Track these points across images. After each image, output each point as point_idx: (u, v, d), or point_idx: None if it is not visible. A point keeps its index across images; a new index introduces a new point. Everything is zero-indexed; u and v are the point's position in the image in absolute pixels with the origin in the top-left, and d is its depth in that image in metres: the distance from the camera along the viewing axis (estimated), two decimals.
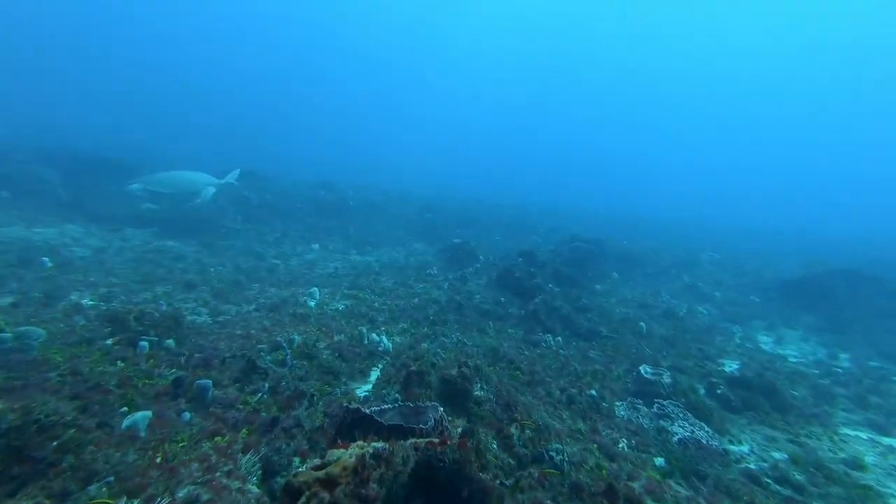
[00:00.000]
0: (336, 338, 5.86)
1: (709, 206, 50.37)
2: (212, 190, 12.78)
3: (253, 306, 7.24)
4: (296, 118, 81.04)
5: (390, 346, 5.67)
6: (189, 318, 6.20)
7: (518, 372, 5.39)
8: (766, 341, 8.52)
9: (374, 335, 5.71)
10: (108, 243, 9.48)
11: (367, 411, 2.85)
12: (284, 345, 4.91)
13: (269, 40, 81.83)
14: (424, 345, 6.32)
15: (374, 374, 5.02)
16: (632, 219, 30.98)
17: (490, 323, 7.46)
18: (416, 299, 8.49)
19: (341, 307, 7.83)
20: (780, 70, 76.50)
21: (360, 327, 5.88)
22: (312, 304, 7.74)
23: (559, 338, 7.03)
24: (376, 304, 8.02)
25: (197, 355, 4.63)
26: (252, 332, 5.65)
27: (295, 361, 4.74)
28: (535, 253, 9.97)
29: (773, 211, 48.66)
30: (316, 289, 8.23)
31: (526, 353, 6.26)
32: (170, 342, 4.65)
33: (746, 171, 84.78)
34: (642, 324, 7.69)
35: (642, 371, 5.26)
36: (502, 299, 8.66)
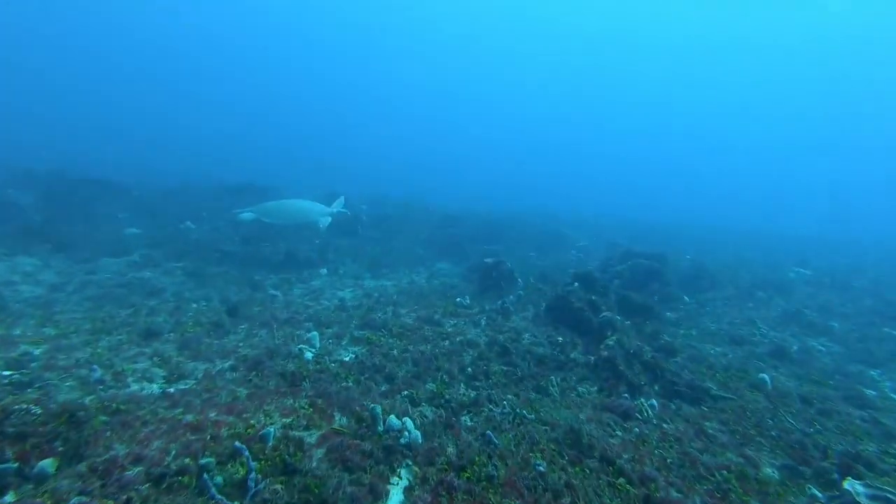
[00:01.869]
0: (337, 420, 4.03)
1: (752, 211, 47.35)
2: (328, 220, 12.33)
3: (230, 362, 5.50)
4: (295, 122, 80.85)
5: (419, 434, 3.78)
6: (131, 388, 4.49)
7: (624, 481, 3.43)
8: None
9: (393, 418, 3.85)
10: (67, 279, 7.99)
11: None
12: (246, 454, 3.07)
13: (259, 43, 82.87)
14: (466, 420, 4.44)
15: (396, 498, 3.15)
16: (672, 227, 28.62)
17: (552, 378, 5.50)
18: (447, 342, 6.63)
19: (349, 357, 6.03)
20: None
21: (371, 405, 4.02)
22: (310, 354, 5.96)
23: (653, 401, 5.02)
24: (395, 351, 6.19)
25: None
26: (211, 416, 3.87)
27: (263, 483, 2.92)
28: (594, 276, 8.00)
29: (827, 216, 45.22)
30: (316, 333, 6.45)
31: (619, 432, 4.28)
32: (46, 465, 2.86)
33: (785, 173, 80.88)
34: (764, 375, 5.60)
35: (851, 490, 3.21)
36: (559, 339, 6.70)
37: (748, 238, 23.27)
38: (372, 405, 4.01)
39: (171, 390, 4.50)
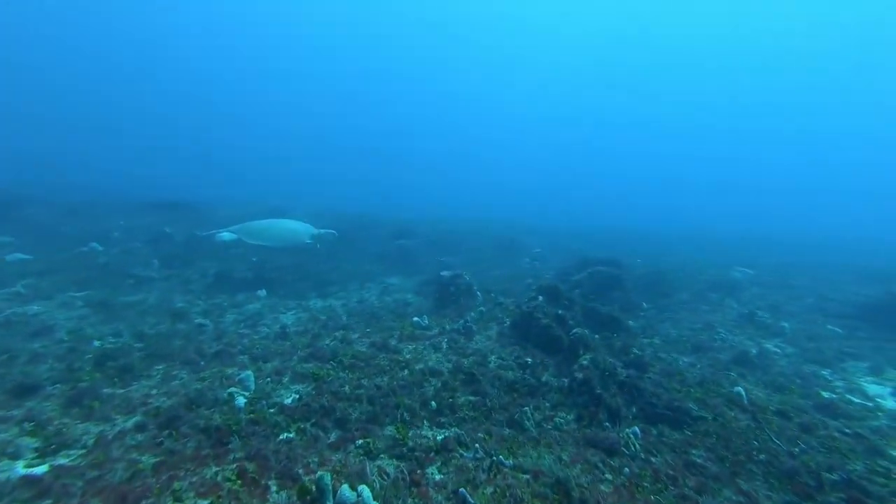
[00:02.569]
0: (273, 495, 3.20)
1: (682, 211, 50.66)
2: (315, 244, 11.56)
3: (136, 418, 4.44)
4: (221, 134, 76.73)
5: None
6: None
7: None
8: (881, 392, 6.47)
9: (345, 489, 3.09)
10: None
11: None
12: None
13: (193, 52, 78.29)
14: (434, 473, 3.77)
15: None
16: (622, 231, 29.77)
17: (526, 409, 4.97)
18: (406, 371, 5.93)
19: (291, 399, 5.16)
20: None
21: (319, 474, 3.24)
22: (242, 400, 5.02)
23: (635, 428, 4.63)
24: (346, 387, 5.38)
25: None
26: None
27: None
28: (559, 288, 7.66)
29: (763, 213, 49.06)
30: (250, 373, 5.49)
31: (608, 475, 3.80)
32: None
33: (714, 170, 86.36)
34: (739, 389, 5.44)
35: None
36: (528, 360, 6.22)
37: (698, 240, 24.56)
38: (319, 474, 3.22)
39: (41, 470, 3.43)
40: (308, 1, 77.83)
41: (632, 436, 4.42)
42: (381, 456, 4.03)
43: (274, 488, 3.32)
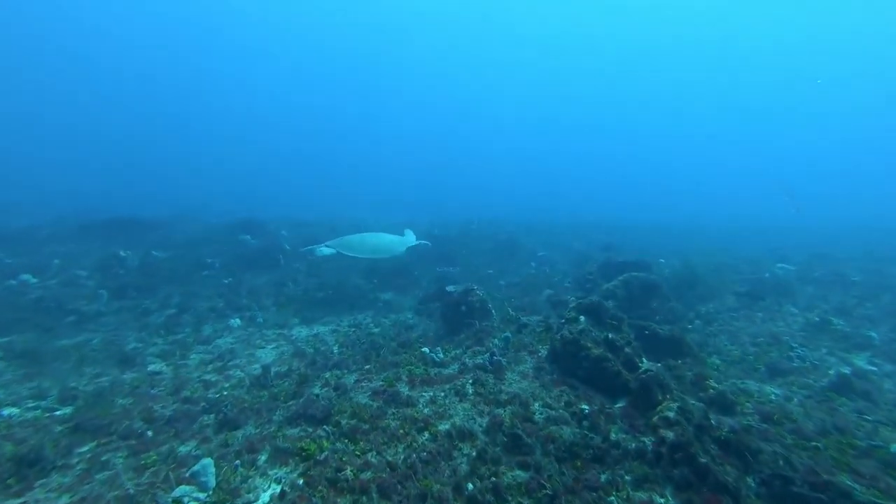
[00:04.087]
0: None
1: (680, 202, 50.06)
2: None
3: None
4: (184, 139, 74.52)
5: None
6: None
7: None
8: None
9: None
10: None
11: None
12: None
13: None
14: None
15: None
16: (623, 227, 28.67)
17: (611, 499, 3.56)
18: (427, 435, 4.47)
19: (269, 497, 3.66)
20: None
21: None
22: (202, 496, 3.52)
23: None
24: (348, 470, 3.91)
25: None
26: None
27: None
28: (603, 305, 6.28)
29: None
30: (209, 461, 3.97)
31: None
32: None
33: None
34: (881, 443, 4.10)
35: None
36: (584, 407, 4.82)
37: (707, 233, 23.45)
38: None
39: None
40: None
41: None
42: None
43: None
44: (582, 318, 6.29)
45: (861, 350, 6.93)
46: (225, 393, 6.05)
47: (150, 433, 4.81)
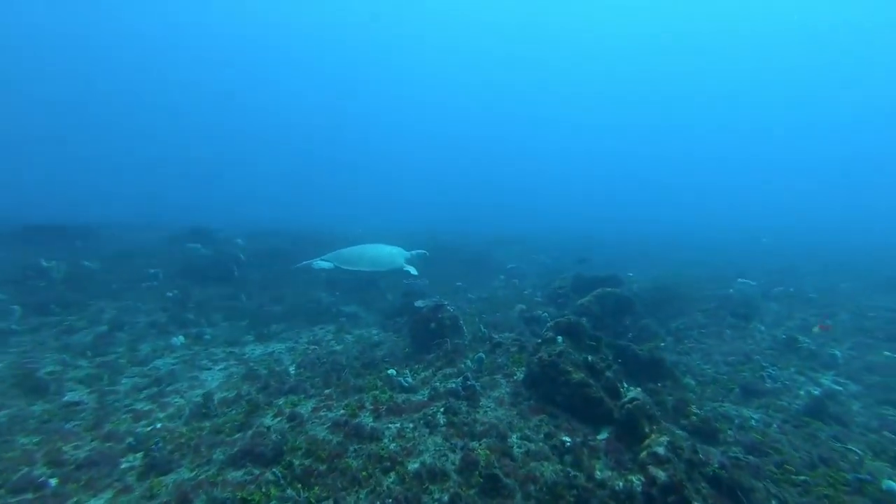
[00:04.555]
0: None
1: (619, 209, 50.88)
2: (413, 269, 11.59)
3: None
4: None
5: None
6: None
7: None
8: None
9: None
10: None
11: None
12: None
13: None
14: None
15: None
16: (586, 238, 29.13)
17: None
18: (394, 477, 3.96)
19: None
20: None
21: None
22: None
23: None
24: None
25: None
26: None
27: None
28: (582, 325, 6.00)
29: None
30: None
31: None
32: None
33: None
34: (891, 484, 3.95)
35: None
36: (566, 439, 4.45)
37: (662, 245, 24.02)
38: None
39: None
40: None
41: None
42: None
43: None
44: (560, 338, 5.97)
45: (826, 369, 7.00)
46: (158, 426, 5.27)
47: (52, 482, 4.01)
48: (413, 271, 11.85)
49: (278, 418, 5.25)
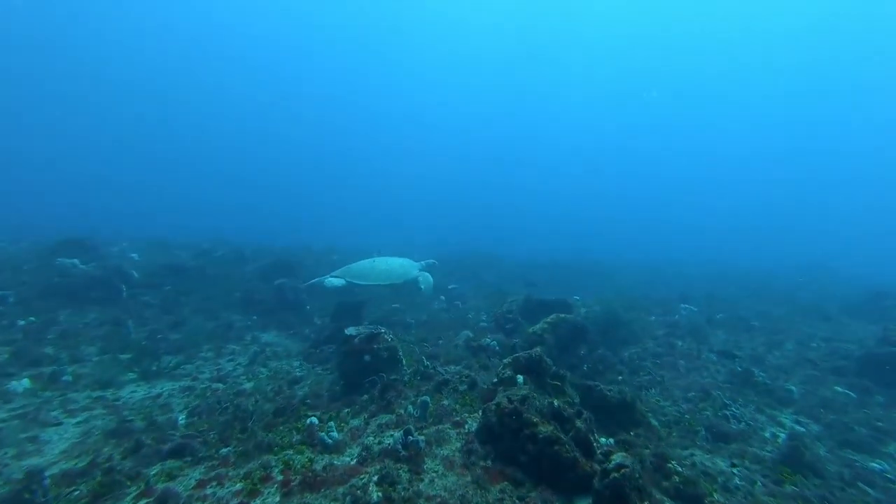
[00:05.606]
0: None
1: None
2: (428, 277, 11.67)
3: None
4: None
5: None
6: None
7: None
8: None
9: None
10: None
11: None
12: None
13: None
14: None
15: None
16: (529, 261, 28.95)
17: None
18: None
19: None
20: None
21: None
22: None
23: None
24: None
25: None
26: None
27: None
28: (545, 362, 5.16)
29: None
30: None
31: None
32: None
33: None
34: None
35: None
36: None
37: (614, 270, 24.19)
38: None
39: None
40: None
41: None
42: None
43: None
44: (520, 377, 5.09)
45: (784, 406, 6.75)
46: None
47: None
48: (429, 279, 11.70)
49: (142, 502, 3.78)
